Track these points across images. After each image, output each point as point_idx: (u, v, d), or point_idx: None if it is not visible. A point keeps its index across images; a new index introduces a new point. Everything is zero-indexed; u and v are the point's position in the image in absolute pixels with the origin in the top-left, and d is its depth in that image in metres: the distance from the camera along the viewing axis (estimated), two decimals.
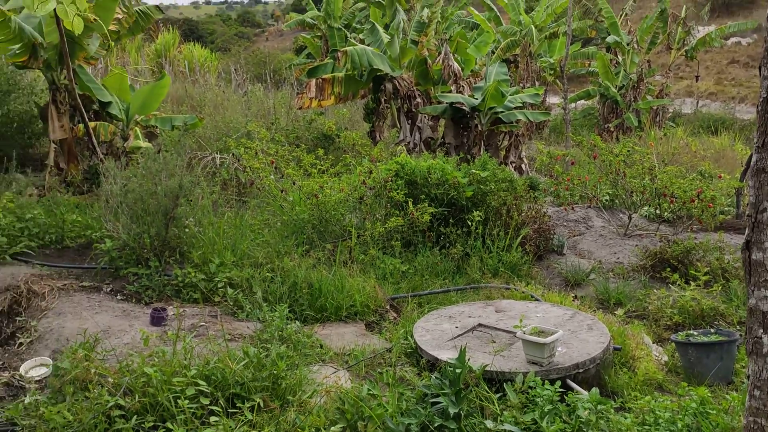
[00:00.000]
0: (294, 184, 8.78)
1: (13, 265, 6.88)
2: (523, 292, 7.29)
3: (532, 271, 8.45)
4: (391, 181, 8.53)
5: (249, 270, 6.77)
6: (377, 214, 8.33)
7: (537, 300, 7.00)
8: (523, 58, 21.57)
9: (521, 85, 20.41)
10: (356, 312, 6.66)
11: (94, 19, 8.12)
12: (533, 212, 9.20)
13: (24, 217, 7.56)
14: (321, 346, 5.64)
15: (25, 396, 4.39)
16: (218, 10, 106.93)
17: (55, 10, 7.41)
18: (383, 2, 17.09)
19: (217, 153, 10.54)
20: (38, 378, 4.76)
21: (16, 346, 5.50)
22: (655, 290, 7.59)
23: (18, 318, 5.85)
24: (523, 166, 13.91)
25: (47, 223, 7.70)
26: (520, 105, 13.40)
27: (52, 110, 9.46)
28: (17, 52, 8.80)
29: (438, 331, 5.91)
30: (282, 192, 8.70)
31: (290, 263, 6.94)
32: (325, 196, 8.14)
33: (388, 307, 6.96)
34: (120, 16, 9.86)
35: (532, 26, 22.17)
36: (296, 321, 5.89)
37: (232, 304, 6.45)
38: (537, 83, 21.79)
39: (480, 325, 6.07)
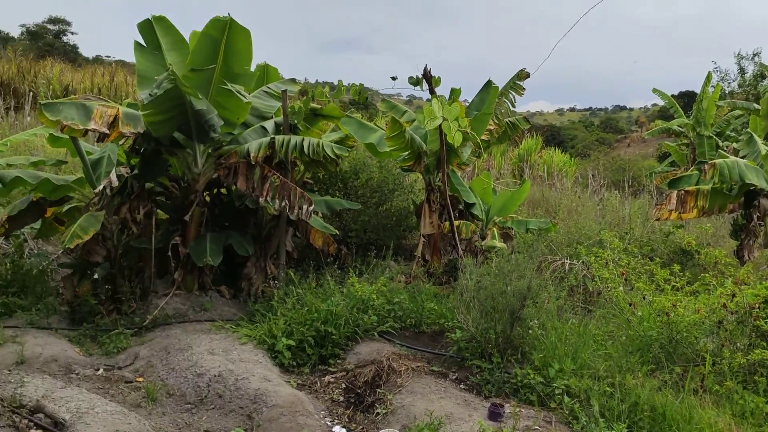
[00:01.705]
0: (644, 298, 8.42)
1: (378, 341, 7.95)
2: None
3: None
4: (759, 307, 7.59)
5: (588, 381, 6.66)
6: (738, 343, 7.46)
7: None
8: None
9: None
10: None
11: (470, 132, 9.24)
12: None
13: (392, 300, 8.70)
14: None
15: None
16: (581, 116, 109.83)
17: (440, 125, 8.72)
18: (762, 111, 15.68)
19: (566, 258, 10.70)
20: None
21: (374, 414, 6.32)
22: None
23: (378, 390, 6.73)
24: None
25: (409, 308, 8.74)
26: None
27: (425, 208, 10.84)
28: (405, 157, 10.45)
29: None
30: (630, 305, 8.41)
31: (632, 381, 6.63)
32: (678, 315, 7.62)
33: None
34: (491, 128, 10.98)
35: None
36: None
37: (567, 413, 6.39)
38: None
39: None
